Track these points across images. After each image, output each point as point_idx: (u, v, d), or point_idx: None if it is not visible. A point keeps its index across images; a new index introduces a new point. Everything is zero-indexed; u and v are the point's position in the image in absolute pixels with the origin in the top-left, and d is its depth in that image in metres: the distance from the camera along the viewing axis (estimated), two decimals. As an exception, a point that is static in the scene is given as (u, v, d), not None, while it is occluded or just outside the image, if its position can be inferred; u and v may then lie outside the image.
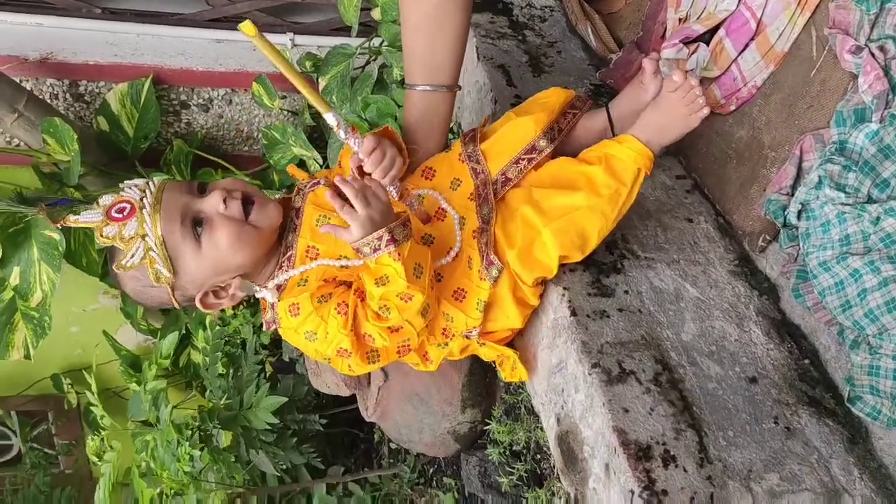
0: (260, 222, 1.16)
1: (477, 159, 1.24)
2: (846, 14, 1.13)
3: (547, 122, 1.23)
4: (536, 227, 1.16)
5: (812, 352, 1.21)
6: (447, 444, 1.59)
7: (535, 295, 1.21)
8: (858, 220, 1.07)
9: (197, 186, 1.17)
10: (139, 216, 1.10)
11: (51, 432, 3.13)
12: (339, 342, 1.13)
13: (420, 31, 1.25)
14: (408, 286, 1.07)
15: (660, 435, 1.03)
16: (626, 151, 1.17)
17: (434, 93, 1.27)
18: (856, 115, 1.11)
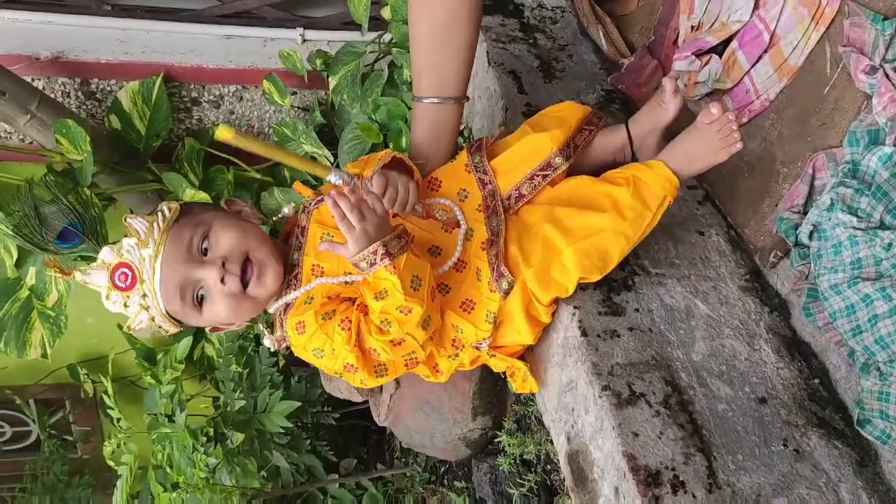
0: (258, 293, 1.17)
1: (484, 170, 1.24)
2: (861, 32, 1.12)
3: (563, 139, 1.23)
4: (557, 247, 1.15)
5: (822, 371, 1.21)
6: (458, 449, 1.60)
7: (547, 313, 1.21)
8: (871, 245, 1.06)
9: (199, 245, 1.14)
10: (140, 289, 1.11)
11: (68, 420, 3.18)
12: (345, 358, 1.14)
13: (428, 43, 1.25)
14: (406, 299, 1.06)
15: (669, 460, 1.04)
16: (655, 177, 1.17)
17: (442, 105, 1.27)
18: (869, 136, 1.11)
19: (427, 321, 1.11)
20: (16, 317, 2.08)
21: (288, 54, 2.09)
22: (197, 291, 1.14)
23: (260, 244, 1.17)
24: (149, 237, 1.12)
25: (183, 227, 1.14)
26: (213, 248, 1.14)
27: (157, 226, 1.13)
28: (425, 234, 1.22)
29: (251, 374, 1.94)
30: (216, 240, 1.15)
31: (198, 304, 1.15)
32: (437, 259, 1.21)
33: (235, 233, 1.15)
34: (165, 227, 1.13)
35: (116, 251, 1.12)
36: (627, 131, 1.33)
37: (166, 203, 1.17)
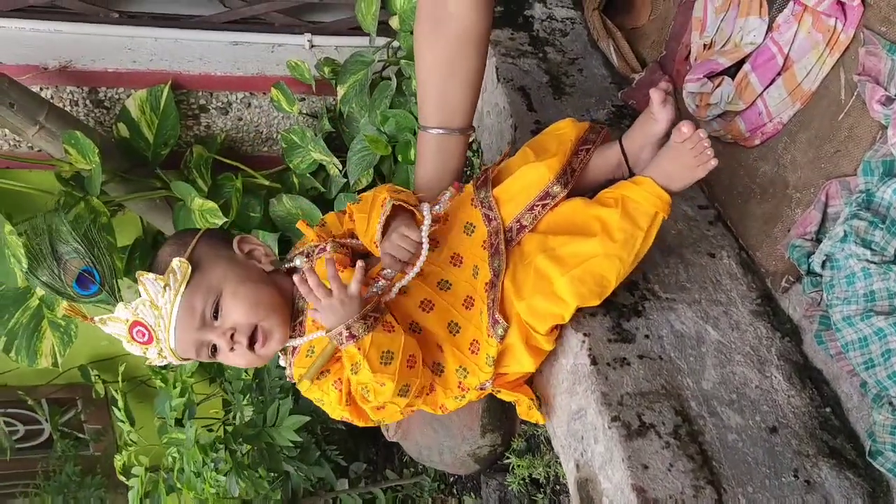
0: (265, 354, 1.22)
1: (489, 206, 1.23)
2: (877, 62, 1.11)
3: (559, 167, 1.21)
4: (550, 278, 1.14)
5: (834, 399, 1.21)
6: (467, 464, 1.61)
7: (549, 341, 1.21)
8: (884, 278, 1.06)
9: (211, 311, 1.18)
10: (156, 346, 1.17)
11: (80, 419, 3.21)
12: (341, 413, 1.21)
13: (433, 76, 1.25)
14: (374, 376, 1.10)
15: (679, 493, 1.04)
16: (643, 194, 1.15)
17: (448, 136, 1.27)
18: (884, 167, 1.10)
19: (404, 390, 1.15)
20: (26, 326, 2.09)
21: (296, 64, 2.08)
22: (209, 346, 1.20)
23: (268, 314, 1.20)
24: (161, 301, 1.15)
25: (194, 294, 1.17)
26: (223, 316, 1.19)
27: (170, 289, 1.16)
28: (434, 268, 1.22)
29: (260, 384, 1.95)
30: (227, 309, 1.18)
31: (212, 354, 1.21)
32: (446, 293, 1.21)
33: (245, 306, 1.18)
34: (177, 291, 1.16)
35: (132, 310, 1.16)
36: (622, 148, 1.30)
37: (178, 260, 1.18)
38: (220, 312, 1.18)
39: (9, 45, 2.06)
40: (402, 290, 1.21)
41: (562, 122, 1.31)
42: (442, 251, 1.24)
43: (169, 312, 1.15)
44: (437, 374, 1.20)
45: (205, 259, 1.22)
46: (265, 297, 1.21)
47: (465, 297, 1.21)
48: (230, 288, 1.19)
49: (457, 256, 1.23)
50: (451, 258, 1.23)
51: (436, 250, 1.24)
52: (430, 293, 1.21)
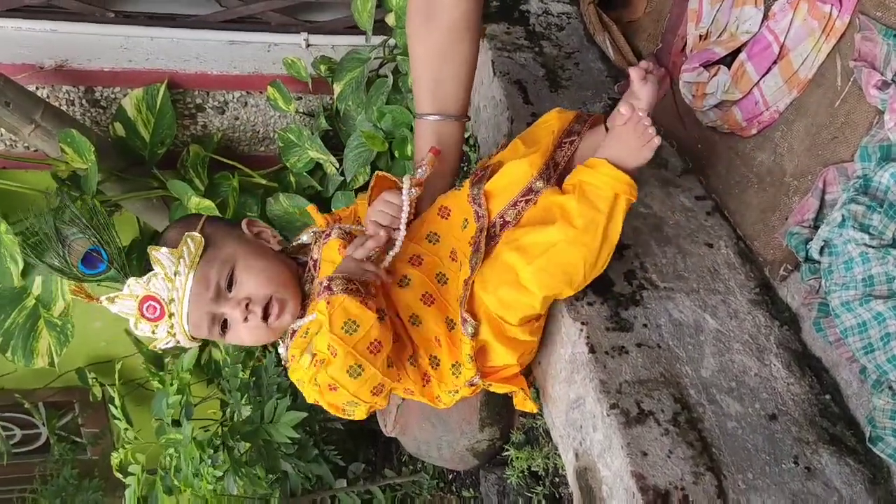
0: (278, 326, 1.21)
1: (480, 203, 1.21)
2: (873, 47, 1.11)
3: (541, 163, 1.19)
4: (515, 269, 1.13)
5: (833, 386, 1.20)
6: (466, 459, 1.60)
7: (527, 331, 1.19)
8: (883, 262, 1.05)
9: (225, 282, 1.19)
10: (167, 321, 1.17)
11: (77, 422, 3.19)
12: (312, 394, 1.14)
13: (428, 63, 1.26)
14: (330, 337, 1.05)
15: (678, 479, 1.04)
16: (600, 177, 1.11)
17: (443, 122, 1.28)
18: (881, 152, 1.09)
19: (356, 370, 1.06)
20: (22, 326, 2.08)
21: (292, 62, 2.08)
22: (221, 320, 1.20)
23: (284, 286, 1.22)
24: (176, 275, 1.16)
25: (208, 266, 1.19)
26: (237, 287, 1.20)
27: (184, 262, 1.17)
28: (434, 259, 1.22)
29: (258, 382, 1.94)
30: (241, 279, 1.20)
31: (221, 331, 1.21)
32: (443, 288, 1.20)
33: (261, 276, 1.20)
34: (192, 265, 1.17)
35: (144, 284, 1.16)
36: (606, 129, 1.28)
37: (190, 235, 1.20)
38: (233, 284, 1.19)
39: (5, 44, 2.05)
40: (405, 282, 1.19)
41: (548, 114, 1.31)
42: (442, 245, 1.23)
43: (183, 284, 1.16)
44: (434, 367, 1.19)
45: (216, 236, 1.23)
46: (278, 271, 1.23)
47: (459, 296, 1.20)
48: (244, 260, 1.21)
49: (454, 252, 1.23)
50: (450, 253, 1.23)
51: (437, 244, 1.24)
52: (429, 286, 1.20)
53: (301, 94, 2.27)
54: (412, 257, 1.22)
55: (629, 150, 1.14)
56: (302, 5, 2.21)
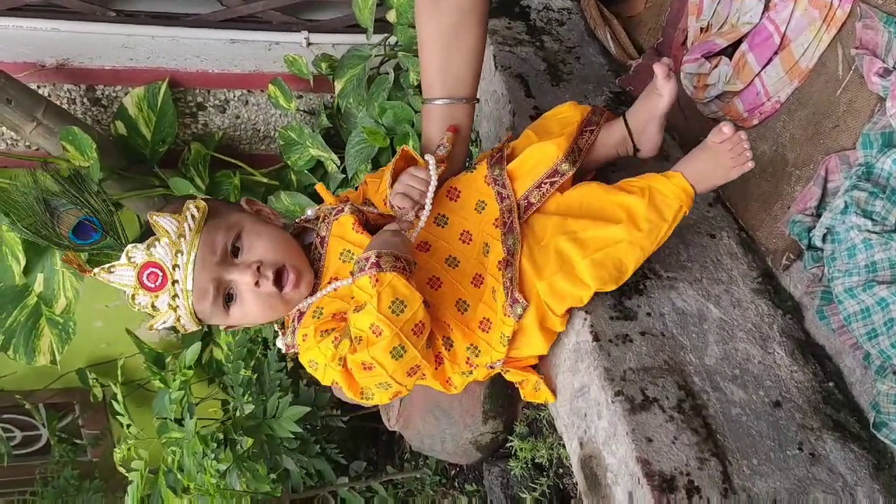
0: (293, 298, 1.17)
1: (503, 183, 1.22)
2: (874, 35, 1.11)
3: (567, 145, 1.22)
4: (572, 260, 1.14)
5: (837, 374, 1.21)
6: (469, 452, 1.60)
7: (562, 323, 1.20)
8: (886, 248, 1.06)
9: (231, 246, 1.15)
10: (170, 289, 1.10)
11: (78, 424, 3.20)
12: (332, 374, 1.12)
13: (436, 46, 1.24)
14: (378, 317, 1.03)
15: (683, 465, 1.04)
16: (672, 188, 1.15)
17: (453, 105, 1.27)
18: (883, 139, 1.10)
19: (398, 351, 1.05)
20: (24, 324, 2.09)
21: (293, 59, 2.09)
22: (227, 291, 1.14)
23: (297, 255, 1.19)
24: (180, 238, 1.10)
25: (215, 230, 1.13)
26: (245, 251, 1.15)
27: (188, 226, 1.11)
28: (443, 244, 1.22)
29: (260, 378, 1.94)
30: (250, 243, 1.15)
31: (226, 305, 1.15)
32: (454, 271, 1.20)
33: (272, 242, 1.16)
34: (197, 229, 1.11)
35: (145, 250, 1.10)
36: (626, 124, 1.31)
37: (193, 202, 1.14)
38: (241, 251, 1.15)
39: (7, 43, 2.06)
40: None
41: (562, 107, 1.32)
42: (451, 227, 1.23)
43: (188, 249, 1.09)
44: (447, 348, 1.18)
45: (218, 207, 1.19)
46: (289, 240, 1.20)
47: (474, 275, 1.20)
48: (251, 225, 1.17)
49: (466, 233, 1.22)
50: (460, 235, 1.22)
51: (445, 227, 1.23)
52: (438, 270, 1.20)
53: (302, 92, 2.28)
54: (420, 243, 1.21)
55: (718, 168, 1.17)
56: (303, 4, 2.22)
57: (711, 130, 1.16)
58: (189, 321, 1.15)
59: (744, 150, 1.15)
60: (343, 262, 1.18)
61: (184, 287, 1.10)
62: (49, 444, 3.27)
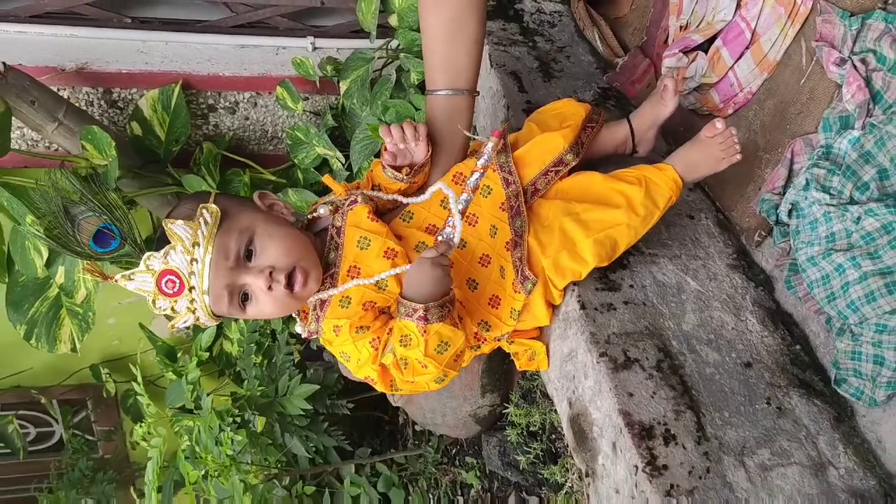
0: (303, 295, 1.22)
1: (509, 170, 1.32)
2: (831, 28, 1.23)
3: (572, 137, 1.33)
4: (574, 239, 1.25)
5: (803, 338, 1.32)
6: (469, 425, 1.71)
7: (561, 296, 1.31)
8: (842, 219, 1.17)
9: (244, 251, 1.18)
10: (187, 295, 1.15)
11: (90, 420, 3.28)
12: (368, 372, 1.24)
13: (439, 37, 1.32)
14: (424, 359, 1.15)
15: (661, 416, 1.15)
16: (665, 179, 1.28)
17: (455, 97, 1.33)
18: (841, 122, 1.21)
19: (441, 379, 1.21)
20: (46, 314, 2.19)
21: (300, 61, 2.20)
22: (242, 292, 1.19)
23: (306, 254, 1.23)
24: (195, 246, 1.14)
25: (227, 235, 1.17)
26: (258, 255, 1.19)
27: (202, 233, 1.15)
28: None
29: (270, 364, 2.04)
30: (262, 247, 1.19)
31: (242, 305, 1.20)
32: (463, 252, 1.29)
33: (283, 244, 1.20)
34: (210, 235, 1.15)
35: (162, 258, 1.13)
36: (630, 126, 1.45)
37: (205, 206, 1.18)
38: (253, 254, 1.18)
39: (29, 48, 2.18)
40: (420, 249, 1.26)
41: (558, 103, 1.43)
42: None
43: (203, 256, 1.13)
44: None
45: (230, 207, 1.21)
46: (299, 239, 1.23)
47: (481, 256, 1.29)
48: (263, 228, 1.20)
49: (473, 216, 1.31)
50: (466, 218, 1.30)
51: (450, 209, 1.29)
52: None
53: (308, 94, 2.39)
54: (428, 227, 1.30)
55: (709, 159, 1.31)
56: (308, 11, 2.34)
57: (705, 126, 1.29)
58: (207, 319, 1.20)
59: (733, 144, 1.30)
60: (360, 249, 1.25)
61: (200, 292, 1.15)
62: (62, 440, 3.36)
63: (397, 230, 1.29)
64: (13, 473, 3.46)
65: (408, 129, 1.28)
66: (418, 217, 1.31)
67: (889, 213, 1.10)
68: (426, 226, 1.31)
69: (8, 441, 3.12)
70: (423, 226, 1.31)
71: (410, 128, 1.29)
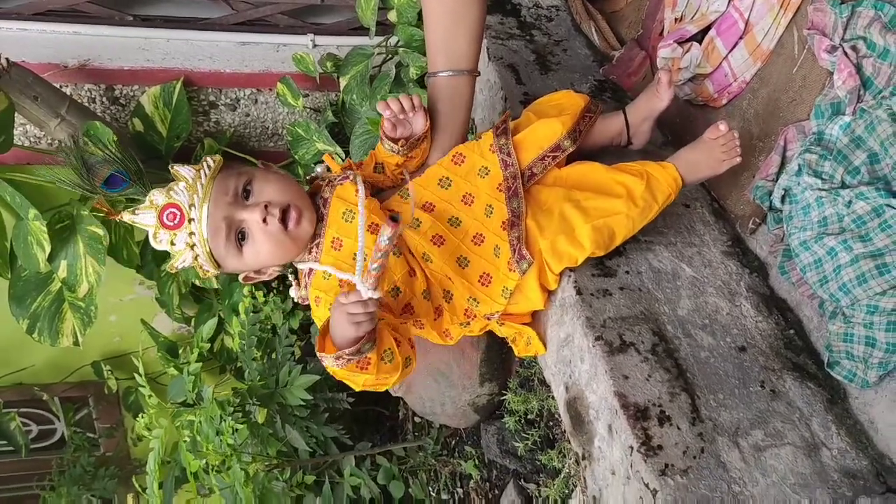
0: (297, 234, 1.27)
1: (508, 152, 1.34)
2: (822, 16, 1.25)
3: (571, 124, 1.36)
4: (573, 224, 1.27)
5: (797, 323, 1.33)
6: (468, 415, 1.72)
7: (556, 281, 1.33)
8: (834, 204, 1.19)
9: (242, 190, 1.25)
10: (187, 227, 1.22)
11: (92, 417, 3.30)
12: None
13: (441, 20, 1.34)
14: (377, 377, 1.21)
15: (656, 398, 1.16)
16: (666, 176, 1.31)
17: (456, 77, 1.36)
18: (832, 109, 1.23)
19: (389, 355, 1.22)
20: (48, 308, 2.21)
21: (301, 57, 2.23)
22: (239, 229, 1.24)
23: (300, 196, 1.29)
24: (196, 181, 1.23)
25: (228, 176, 1.26)
26: (255, 194, 1.25)
27: (204, 173, 1.24)
28: (446, 205, 1.33)
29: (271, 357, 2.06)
30: (259, 187, 1.26)
31: (239, 244, 1.25)
32: (456, 230, 1.32)
33: (278, 184, 1.27)
34: (212, 174, 1.24)
35: (165, 193, 1.23)
36: (625, 118, 1.47)
37: (210, 156, 1.28)
38: (251, 194, 1.25)
39: (32, 45, 2.20)
40: (416, 224, 1.30)
41: (556, 94, 1.45)
42: (454, 189, 1.34)
43: (203, 190, 1.21)
44: (446, 300, 1.32)
45: (235, 162, 1.32)
46: (293, 183, 1.30)
47: (475, 234, 1.32)
48: (261, 174, 1.28)
49: (468, 196, 1.33)
50: (462, 197, 1.33)
51: (448, 189, 1.34)
52: (441, 229, 1.31)
53: (308, 90, 2.41)
54: (425, 204, 1.33)
55: (711, 160, 1.33)
56: (308, 8, 2.36)
57: (708, 128, 1.32)
58: (206, 261, 1.25)
59: (735, 146, 1.32)
60: (345, 221, 1.29)
61: (199, 225, 1.21)
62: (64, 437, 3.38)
63: (393, 206, 1.32)
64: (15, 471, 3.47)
65: (405, 101, 1.31)
66: (416, 195, 1.33)
67: (879, 196, 1.12)
68: (423, 203, 1.33)
69: (10, 438, 3.13)
70: (420, 203, 1.33)
71: (407, 100, 1.31)
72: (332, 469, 2.14)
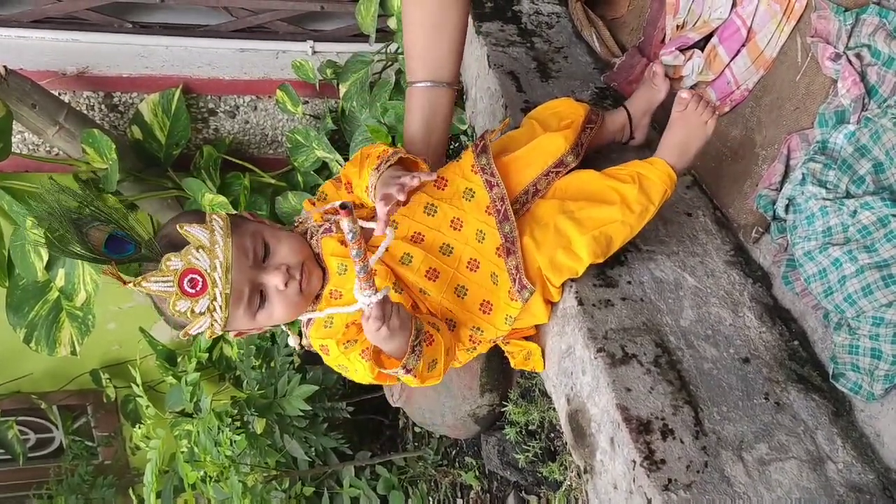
0: (310, 293, 1.24)
1: (491, 172, 1.29)
2: (826, 24, 1.23)
3: (573, 139, 1.34)
4: (569, 236, 1.25)
5: (801, 334, 1.32)
6: (468, 425, 1.71)
7: (559, 293, 1.31)
8: (839, 213, 1.17)
9: (263, 247, 1.21)
10: (211, 294, 1.14)
11: (90, 425, 3.29)
12: (367, 379, 1.24)
13: (421, 29, 1.31)
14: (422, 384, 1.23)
15: (659, 411, 1.15)
16: (657, 173, 1.27)
17: (435, 88, 1.32)
18: (836, 117, 1.22)
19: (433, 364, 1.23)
20: (46, 317, 2.19)
21: (300, 64, 2.22)
22: (259, 291, 1.20)
23: (308, 253, 1.26)
24: (215, 246, 1.15)
25: (242, 237, 1.19)
26: (273, 255, 1.21)
27: (219, 234, 1.16)
28: (435, 233, 1.27)
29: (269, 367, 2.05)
30: (276, 248, 1.22)
31: (260, 304, 1.20)
32: (449, 258, 1.27)
33: (290, 245, 1.24)
34: (227, 235, 1.17)
35: (183, 258, 1.13)
36: (627, 112, 1.48)
37: (212, 214, 1.20)
38: (269, 253, 1.21)
39: (30, 53, 2.19)
40: (407, 260, 1.25)
41: (559, 100, 1.43)
42: (441, 216, 1.28)
43: (224, 253, 1.14)
44: (450, 328, 1.28)
45: (233, 219, 1.23)
46: (300, 240, 1.27)
47: (469, 260, 1.27)
48: (270, 232, 1.24)
49: (457, 221, 1.29)
50: (451, 222, 1.28)
51: (435, 216, 1.29)
52: (434, 262, 1.26)
53: (308, 97, 2.40)
54: (413, 235, 1.28)
55: (693, 130, 1.30)
56: (308, 15, 2.36)
57: (674, 104, 1.30)
58: (220, 325, 1.18)
59: (707, 104, 1.29)
60: (340, 275, 1.25)
61: (223, 290, 1.14)
62: (62, 446, 3.36)
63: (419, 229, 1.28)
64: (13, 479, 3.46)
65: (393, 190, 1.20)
66: (403, 227, 1.28)
67: (885, 206, 1.10)
68: (411, 235, 1.28)
69: (8, 446, 3.12)
70: (408, 235, 1.28)
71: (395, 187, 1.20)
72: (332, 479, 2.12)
